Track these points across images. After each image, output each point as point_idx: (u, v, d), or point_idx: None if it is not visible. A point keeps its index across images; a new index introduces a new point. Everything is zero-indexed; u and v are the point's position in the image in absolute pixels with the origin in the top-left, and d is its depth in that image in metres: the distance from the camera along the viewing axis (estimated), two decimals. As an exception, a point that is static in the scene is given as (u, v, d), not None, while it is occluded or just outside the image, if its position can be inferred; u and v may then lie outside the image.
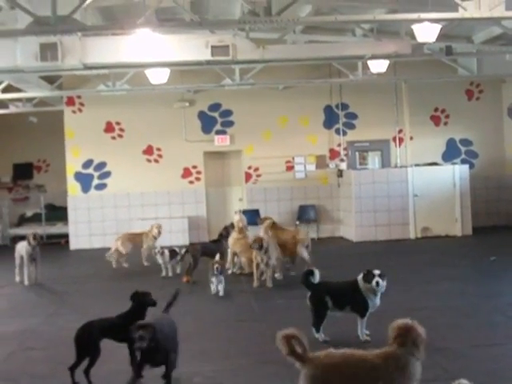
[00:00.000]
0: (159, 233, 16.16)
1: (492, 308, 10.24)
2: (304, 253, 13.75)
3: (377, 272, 8.56)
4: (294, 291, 11.15)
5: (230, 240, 14.37)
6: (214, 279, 12.01)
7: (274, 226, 14.44)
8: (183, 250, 14.25)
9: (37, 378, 7.67)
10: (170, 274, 14.29)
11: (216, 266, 11.98)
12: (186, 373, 7.58)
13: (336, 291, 8.78)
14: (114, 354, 7.72)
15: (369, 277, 8.53)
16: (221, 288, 11.92)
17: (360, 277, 8.71)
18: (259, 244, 12.99)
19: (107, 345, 7.38)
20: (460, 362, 7.57)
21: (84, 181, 20.81)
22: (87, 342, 7.11)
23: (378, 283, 8.46)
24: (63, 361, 7.74)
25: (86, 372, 7.04)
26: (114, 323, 7.47)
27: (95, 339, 7.15)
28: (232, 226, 14.89)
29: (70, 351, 7.42)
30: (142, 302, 7.57)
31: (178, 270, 14.65)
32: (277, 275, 13.22)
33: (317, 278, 8.79)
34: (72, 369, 7.11)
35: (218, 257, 13.11)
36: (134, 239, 16.26)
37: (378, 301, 8.65)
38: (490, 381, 6.90)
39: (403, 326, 5.89)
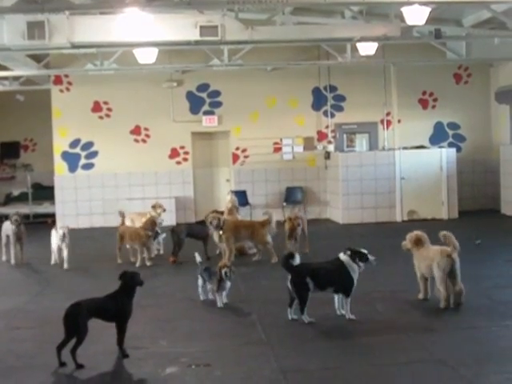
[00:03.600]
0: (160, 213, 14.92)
1: (477, 291, 10.30)
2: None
3: (365, 251, 8.79)
4: (278, 272, 11.17)
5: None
6: (220, 286, 9.71)
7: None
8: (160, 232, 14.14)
9: (23, 357, 7.68)
10: (152, 254, 14.14)
11: (224, 270, 9.61)
12: (173, 353, 7.63)
13: (317, 272, 8.83)
14: (101, 335, 7.74)
15: (362, 256, 8.72)
16: (225, 294, 9.81)
17: (343, 256, 8.78)
18: (217, 222, 13.13)
19: (94, 325, 7.39)
20: (445, 345, 7.63)
21: (71, 160, 20.73)
22: (75, 322, 7.12)
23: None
24: (49, 340, 7.78)
25: (73, 352, 7.07)
26: (102, 303, 7.51)
27: (83, 319, 7.17)
28: (223, 213, 14.92)
29: (56, 330, 7.45)
30: (130, 282, 7.61)
31: (162, 251, 14.65)
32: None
33: (297, 260, 8.83)
34: (59, 348, 7.13)
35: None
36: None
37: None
38: (474, 363, 6.98)
39: None
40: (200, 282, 10.20)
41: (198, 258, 10.37)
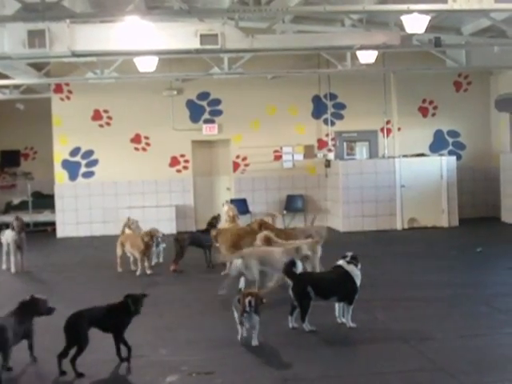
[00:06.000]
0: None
1: (477, 299, 10.32)
2: None
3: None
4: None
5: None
6: (244, 319, 8.03)
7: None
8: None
9: (23, 365, 7.66)
10: (152, 263, 14.11)
11: (248, 299, 7.89)
12: (173, 361, 7.62)
13: (319, 281, 8.83)
14: (101, 343, 7.72)
15: (356, 261, 8.80)
16: (254, 333, 8.08)
17: (346, 264, 8.78)
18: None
19: (94, 334, 7.38)
20: (446, 352, 7.62)
21: (71, 169, 20.73)
22: (76, 331, 7.10)
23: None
24: (49, 348, 7.76)
25: (73, 361, 7.04)
26: (103, 313, 7.50)
27: (84, 328, 7.16)
28: (220, 216, 14.93)
29: (56, 339, 7.43)
30: (130, 305, 7.53)
31: (162, 260, 14.62)
32: None
33: (299, 268, 8.82)
34: (60, 357, 7.11)
35: (242, 282, 9.37)
36: None
37: None
38: (475, 371, 6.97)
39: None
40: (236, 314, 8.32)
41: (242, 284, 8.99)
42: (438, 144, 21.64)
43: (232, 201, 18.89)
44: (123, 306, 7.52)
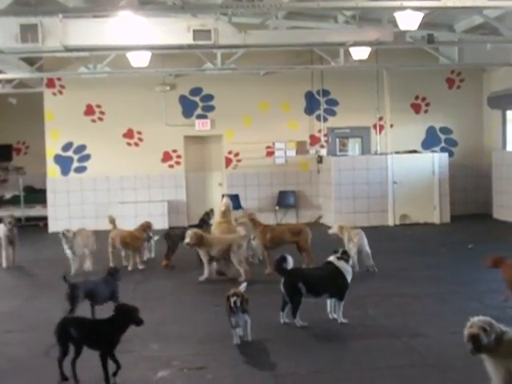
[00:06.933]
0: None
1: (468, 295, 10.35)
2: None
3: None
4: (271, 275, 11.20)
5: (213, 224, 14.39)
6: (233, 319, 7.91)
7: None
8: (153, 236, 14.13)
9: (14, 360, 7.66)
10: (145, 258, 14.11)
11: (234, 299, 7.78)
12: (164, 356, 7.63)
13: (310, 278, 8.83)
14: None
15: (347, 256, 8.84)
16: (246, 330, 8.07)
17: (337, 261, 8.80)
18: None
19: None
20: (437, 349, 7.65)
21: (63, 163, 20.70)
22: (60, 338, 6.87)
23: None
24: (41, 344, 7.77)
25: (60, 361, 6.85)
26: (90, 327, 7.03)
27: (68, 338, 6.87)
28: (212, 211, 14.91)
29: (47, 334, 7.41)
30: (125, 317, 6.94)
31: (153, 255, 14.61)
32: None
33: (290, 264, 8.81)
34: (59, 361, 6.92)
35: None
36: None
37: None
38: (465, 366, 6.98)
39: None
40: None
41: (243, 287, 8.45)
42: (431, 141, 21.69)
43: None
44: (114, 321, 6.91)
